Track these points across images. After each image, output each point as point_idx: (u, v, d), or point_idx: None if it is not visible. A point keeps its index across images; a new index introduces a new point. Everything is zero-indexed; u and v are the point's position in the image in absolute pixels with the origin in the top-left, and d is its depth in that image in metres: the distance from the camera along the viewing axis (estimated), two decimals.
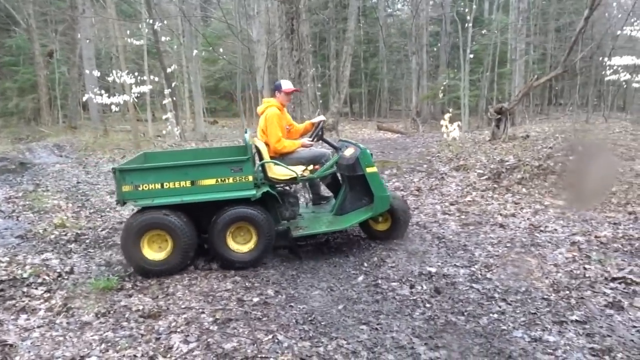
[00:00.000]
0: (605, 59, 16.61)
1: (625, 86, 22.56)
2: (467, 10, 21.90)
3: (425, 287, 4.37)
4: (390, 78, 32.66)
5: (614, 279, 4.36)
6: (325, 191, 6.33)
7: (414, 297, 4.20)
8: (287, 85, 5.79)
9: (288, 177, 5.34)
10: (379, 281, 4.56)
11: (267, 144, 5.52)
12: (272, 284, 4.57)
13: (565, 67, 11.03)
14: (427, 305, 4.07)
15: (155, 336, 3.60)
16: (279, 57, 15.74)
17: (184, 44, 19.04)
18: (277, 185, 5.38)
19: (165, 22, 17.90)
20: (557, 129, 13.38)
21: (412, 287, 4.41)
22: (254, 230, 4.92)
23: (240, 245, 4.96)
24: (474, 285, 4.40)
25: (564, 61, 10.90)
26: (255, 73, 17.72)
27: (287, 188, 5.63)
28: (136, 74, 15.36)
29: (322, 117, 5.95)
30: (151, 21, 15.89)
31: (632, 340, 3.41)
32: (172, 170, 4.72)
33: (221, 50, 22.58)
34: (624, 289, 4.19)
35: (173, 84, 17.87)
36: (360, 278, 4.69)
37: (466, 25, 20.59)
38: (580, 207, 6.61)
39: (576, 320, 3.71)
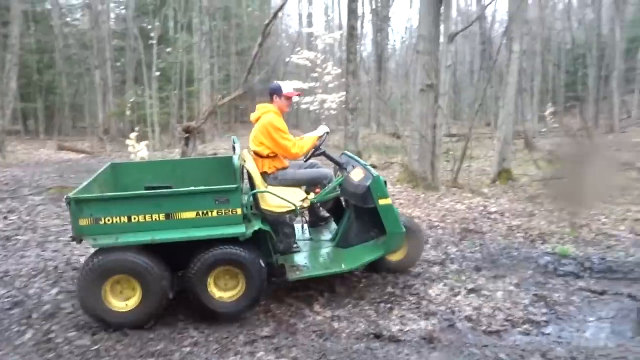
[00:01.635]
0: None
1: (296, 107, 25.74)
2: (150, 27, 21.65)
3: (111, 333, 3.87)
4: (72, 92, 29.82)
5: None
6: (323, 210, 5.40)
7: (97, 347, 3.66)
8: (288, 87, 4.98)
9: (285, 210, 4.46)
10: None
11: (259, 155, 4.78)
12: None
13: (245, 88, 11.82)
14: (113, 352, 3.58)
15: None
16: None
17: None
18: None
19: None
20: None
21: (94, 334, 3.85)
22: (241, 274, 4.05)
23: (225, 292, 4.08)
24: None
25: (243, 82, 11.66)
26: None
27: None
28: None
29: (325, 128, 5.10)
30: None
31: (313, 345, 3.65)
32: (142, 201, 3.82)
33: None
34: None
35: None
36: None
37: (149, 42, 20.28)
38: None
39: (265, 336, 3.79)
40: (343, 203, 5.18)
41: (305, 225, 5.38)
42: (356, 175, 4.71)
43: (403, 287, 4.89)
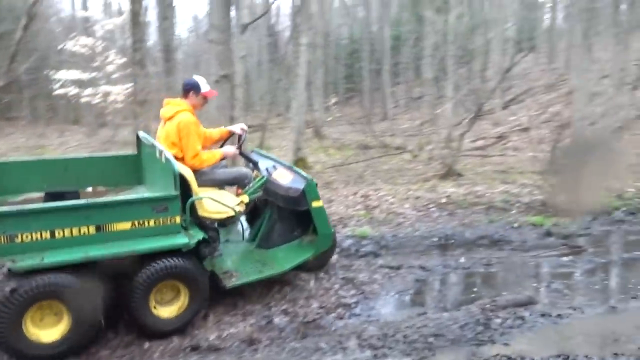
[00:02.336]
0: (52, 72, 16.43)
1: (75, 100, 23.25)
2: None
3: None
4: None
5: None
6: None
7: None
8: (206, 86, 4.65)
9: (225, 215, 4.27)
10: None
11: (176, 158, 4.03)
12: None
13: (10, 79, 10.13)
14: None
15: None
16: None
17: None
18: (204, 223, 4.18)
19: None
20: (10, 147, 12.26)
21: None
22: (184, 287, 3.81)
23: (166, 307, 3.79)
24: None
25: (6, 72, 9.97)
26: None
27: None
28: None
29: (243, 125, 4.92)
30: None
31: None
32: (68, 212, 3.34)
33: None
34: None
35: None
36: None
37: None
38: None
39: None
40: (259, 204, 4.97)
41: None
42: (281, 176, 4.62)
43: (216, 290, 4.68)
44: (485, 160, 12.15)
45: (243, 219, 5.11)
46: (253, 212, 5.02)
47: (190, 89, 4.59)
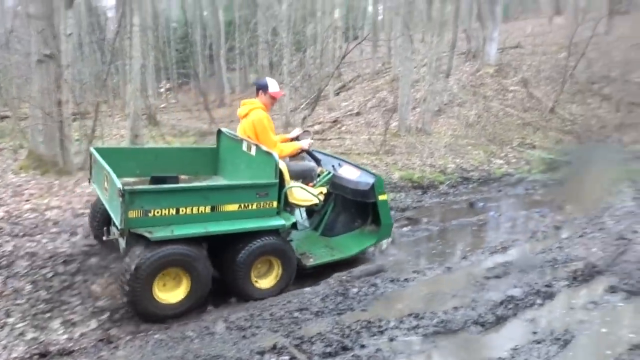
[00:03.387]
0: None
1: None
2: None
3: None
4: None
5: None
6: None
7: None
8: (275, 87, 4.99)
9: (310, 202, 4.79)
10: None
11: None
12: None
13: None
14: None
15: None
16: None
17: None
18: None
19: None
20: None
21: None
22: (278, 262, 4.42)
23: (261, 279, 4.41)
24: None
25: None
26: None
27: None
28: None
29: (309, 139, 5.29)
30: None
31: None
32: (191, 193, 3.98)
33: None
34: None
35: None
36: None
37: None
38: None
39: None
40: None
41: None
42: (349, 172, 5.30)
43: (60, 289, 4.26)
44: (325, 143, 12.72)
45: (303, 210, 5.51)
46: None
47: (260, 88, 5.01)
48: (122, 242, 4.13)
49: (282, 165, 4.51)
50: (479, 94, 15.93)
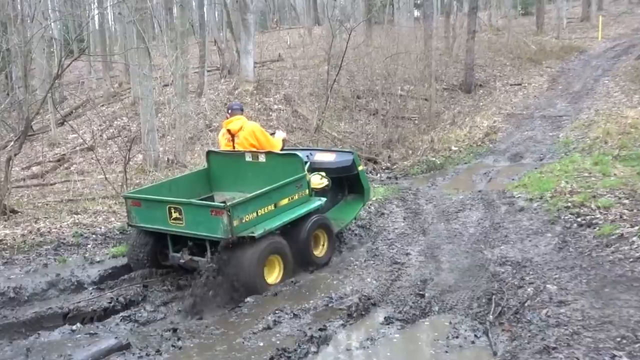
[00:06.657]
0: None
1: None
2: None
3: None
4: None
5: None
6: None
7: None
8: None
9: (323, 186, 6.98)
10: None
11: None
12: None
13: None
14: None
15: None
16: None
17: None
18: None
19: None
20: None
21: None
22: (324, 234, 6.80)
23: (315, 250, 6.68)
24: None
25: None
26: None
27: None
28: None
29: (283, 134, 7.57)
30: None
31: None
32: (262, 197, 6.06)
33: None
34: None
35: None
36: None
37: None
38: None
39: None
40: None
41: None
42: (324, 157, 7.49)
43: None
44: (46, 189, 11.78)
45: None
46: None
47: (239, 108, 7.24)
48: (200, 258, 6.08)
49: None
50: None
